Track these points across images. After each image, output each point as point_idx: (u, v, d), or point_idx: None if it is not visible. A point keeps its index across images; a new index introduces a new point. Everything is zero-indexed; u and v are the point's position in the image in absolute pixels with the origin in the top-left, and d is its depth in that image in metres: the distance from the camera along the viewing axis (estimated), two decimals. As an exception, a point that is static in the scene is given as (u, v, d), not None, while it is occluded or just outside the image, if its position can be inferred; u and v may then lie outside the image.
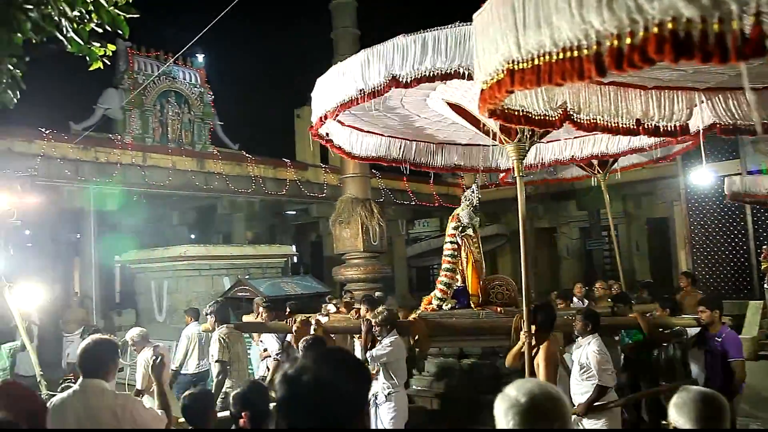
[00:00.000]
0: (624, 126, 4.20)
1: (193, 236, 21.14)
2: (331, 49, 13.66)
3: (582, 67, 1.92)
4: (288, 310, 7.59)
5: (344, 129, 6.68)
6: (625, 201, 19.28)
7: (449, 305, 6.50)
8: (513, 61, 2.17)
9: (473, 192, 6.84)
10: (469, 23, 4.01)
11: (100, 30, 3.56)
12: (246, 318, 8.44)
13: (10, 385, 2.42)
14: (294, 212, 21.50)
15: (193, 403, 3.45)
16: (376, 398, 5.59)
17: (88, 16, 3.38)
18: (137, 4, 3.69)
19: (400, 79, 4.37)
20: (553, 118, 3.69)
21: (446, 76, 4.22)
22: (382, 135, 7.06)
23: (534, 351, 4.81)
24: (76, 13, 3.29)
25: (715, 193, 14.27)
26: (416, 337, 6.21)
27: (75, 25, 3.37)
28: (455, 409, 6.22)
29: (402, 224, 20.30)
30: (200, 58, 17.44)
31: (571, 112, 3.89)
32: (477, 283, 6.51)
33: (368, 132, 6.92)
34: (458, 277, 6.64)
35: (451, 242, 6.69)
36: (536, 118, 3.52)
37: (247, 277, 12.36)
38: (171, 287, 12.73)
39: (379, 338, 5.74)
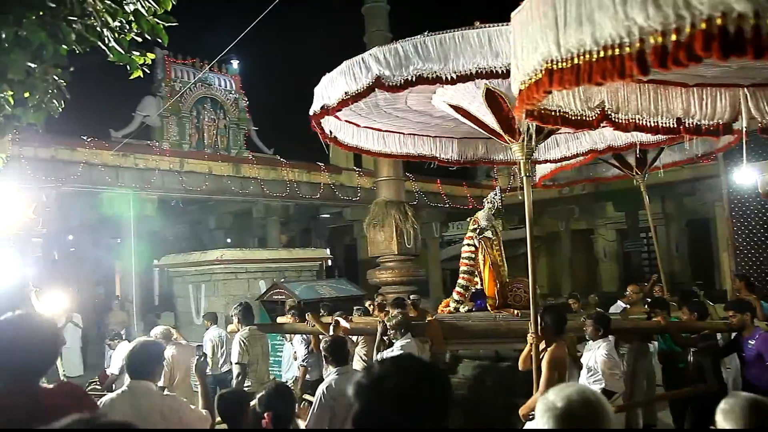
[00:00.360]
0: (664, 125, 4.11)
1: (229, 240, 21.42)
2: (364, 52, 13.66)
3: (623, 65, 1.87)
4: (322, 312, 7.61)
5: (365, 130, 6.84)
6: (664, 202, 18.88)
7: (466, 308, 6.47)
8: (552, 61, 2.14)
9: (496, 195, 6.82)
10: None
11: (139, 39, 3.62)
12: (279, 320, 8.53)
13: (68, 385, 2.45)
14: (328, 216, 21.61)
15: (229, 402, 3.51)
16: None
17: (128, 26, 3.44)
18: (173, 11, 3.72)
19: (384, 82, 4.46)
20: (591, 119, 3.63)
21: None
22: (401, 133, 7.16)
23: (541, 354, 4.73)
24: (116, 23, 3.35)
25: (758, 193, 13.87)
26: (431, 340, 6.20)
27: (116, 35, 3.44)
28: (487, 412, 6.16)
29: (436, 227, 20.23)
30: (235, 64, 17.66)
31: (609, 112, 3.83)
32: (494, 286, 6.40)
33: (391, 131, 7.04)
34: (476, 279, 6.58)
35: (469, 245, 6.68)
36: (573, 118, 3.47)
37: (282, 280, 12.47)
38: (208, 290, 12.91)
39: (393, 341, 5.73)
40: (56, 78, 3.46)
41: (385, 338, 5.90)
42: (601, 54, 1.91)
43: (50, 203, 11.51)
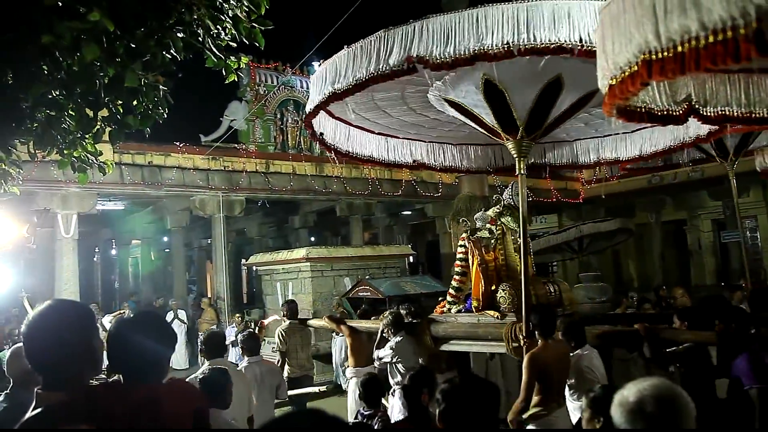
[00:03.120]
0: (757, 115, 3.86)
1: (313, 239, 21.86)
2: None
3: (737, 48, 1.74)
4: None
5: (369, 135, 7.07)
6: (766, 189, 17.71)
7: (456, 309, 6.48)
8: (650, 51, 2.04)
9: (507, 192, 6.71)
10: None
11: (233, 44, 3.70)
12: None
13: (180, 381, 2.52)
14: (410, 212, 21.64)
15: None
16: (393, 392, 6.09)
17: (223, 31, 3.51)
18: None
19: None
20: (678, 113, 3.47)
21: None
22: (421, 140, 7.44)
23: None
24: (216, 29, 3.44)
25: None
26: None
27: (213, 41, 3.52)
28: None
29: (519, 221, 19.85)
30: (316, 66, 17.97)
31: (697, 105, 3.63)
32: (479, 288, 6.26)
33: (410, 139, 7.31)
34: (470, 281, 6.50)
35: (462, 245, 6.61)
36: (659, 113, 3.33)
37: (367, 277, 12.59)
38: (295, 288, 13.20)
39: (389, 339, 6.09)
40: (162, 86, 3.58)
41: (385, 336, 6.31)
42: (710, 39, 1.80)
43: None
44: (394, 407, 5.80)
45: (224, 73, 3.78)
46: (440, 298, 8.64)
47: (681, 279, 18.99)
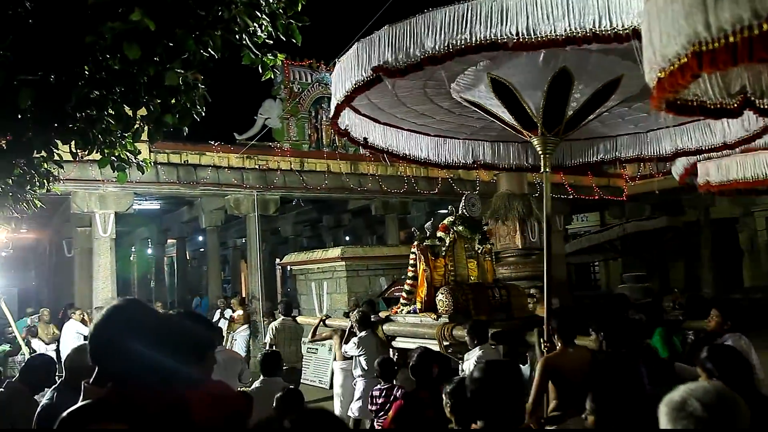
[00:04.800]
0: None
1: (348, 238, 21.69)
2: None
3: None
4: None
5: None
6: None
7: (407, 310, 7.14)
8: (700, 42, 1.98)
9: (468, 199, 7.48)
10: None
11: (269, 41, 3.72)
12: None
13: (220, 383, 2.53)
14: (446, 211, 21.29)
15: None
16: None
17: (260, 28, 3.52)
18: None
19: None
20: (732, 106, 3.23)
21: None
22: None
23: None
24: (253, 26, 3.45)
25: None
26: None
27: (250, 38, 3.54)
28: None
29: (559, 220, 19.30)
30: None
31: (752, 98, 3.36)
32: (422, 292, 6.93)
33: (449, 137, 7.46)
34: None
35: (413, 252, 7.22)
36: (712, 107, 3.14)
37: (403, 277, 12.29)
38: (330, 288, 13.03)
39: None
40: (201, 84, 3.60)
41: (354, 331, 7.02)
42: (764, 27, 1.73)
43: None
44: (356, 395, 6.85)
45: (260, 71, 3.81)
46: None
47: (733, 280, 18.22)
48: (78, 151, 3.93)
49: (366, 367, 6.71)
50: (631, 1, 3.66)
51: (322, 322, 8.07)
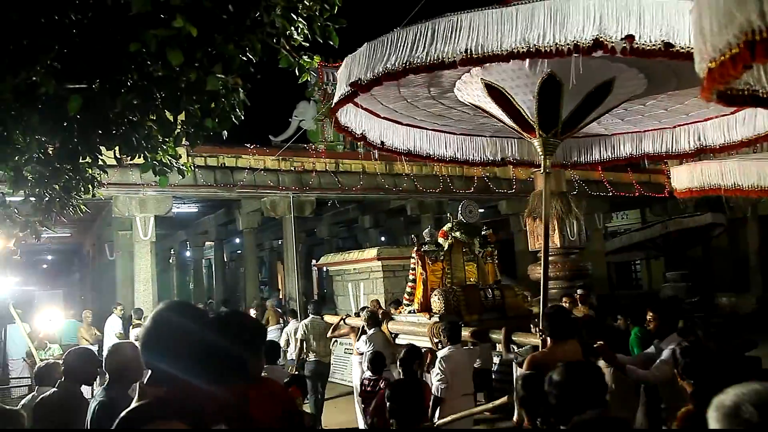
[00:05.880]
0: None
1: (383, 238, 21.66)
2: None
3: None
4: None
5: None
6: None
7: (409, 310, 7.81)
8: (753, 32, 1.92)
9: (465, 206, 8.15)
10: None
11: (306, 43, 3.71)
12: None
13: (270, 382, 2.56)
14: (482, 210, 21.09)
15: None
16: None
17: (296, 31, 3.51)
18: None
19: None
20: None
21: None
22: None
23: None
24: (290, 30, 3.45)
25: None
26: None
27: (287, 41, 3.56)
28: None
29: (599, 217, 18.96)
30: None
31: None
32: (419, 293, 7.61)
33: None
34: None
35: (412, 257, 7.93)
36: (765, 96, 3.04)
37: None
38: (367, 288, 13.01)
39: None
40: (241, 88, 3.60)
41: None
42: None
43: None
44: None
45: (297, 74, 3.83)
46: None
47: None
48: (122, 156, 3.98)
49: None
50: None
51: (342, 321, 8.70)
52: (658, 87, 5.68)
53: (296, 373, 7.65)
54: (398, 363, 5.19)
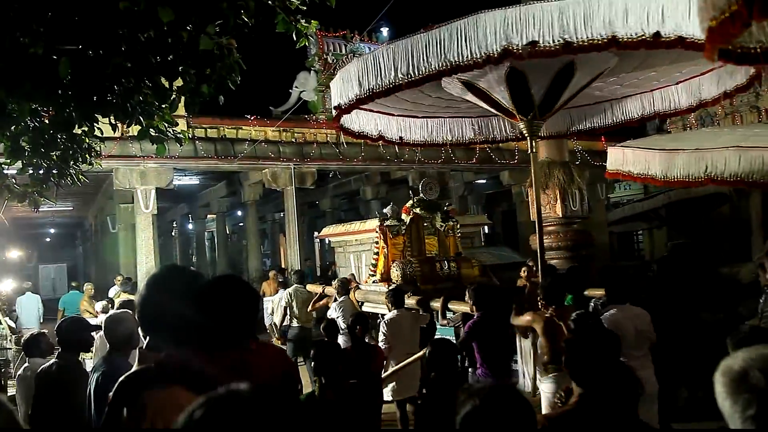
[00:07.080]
0: None
1: (386, 210, 21.59)
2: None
3: None
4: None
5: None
6: None
7: (373, 280, 8.68)
8: None
9: (426, 184, 9.02)
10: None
11: (302, 7, 3.64)
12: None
13: (272, 347, 2.63)
14: (484, 180, 21.02)
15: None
16: None
17: None
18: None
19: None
20: None
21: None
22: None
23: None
24: None
25: None
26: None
27: (283, 3, 3.48)
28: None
29: (601, 188, 18.85)
30: (384, 32, 17.53)
31: None
32: (381, 266, 8.50)
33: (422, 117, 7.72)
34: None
35: (376, 232, 8.78)
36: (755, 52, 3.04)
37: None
38: (369, 260, 13.00)
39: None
40: (235, 51, 3.52)
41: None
42: None
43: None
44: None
45: (295, 38, 3.75)
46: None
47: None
48: (117, 123, 3.91)
49: (343, 327, 7.24)
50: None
51: (323, 290, 8.97)
52: (631, 60, 5.67)
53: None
54: (347, 328, 5.72)
